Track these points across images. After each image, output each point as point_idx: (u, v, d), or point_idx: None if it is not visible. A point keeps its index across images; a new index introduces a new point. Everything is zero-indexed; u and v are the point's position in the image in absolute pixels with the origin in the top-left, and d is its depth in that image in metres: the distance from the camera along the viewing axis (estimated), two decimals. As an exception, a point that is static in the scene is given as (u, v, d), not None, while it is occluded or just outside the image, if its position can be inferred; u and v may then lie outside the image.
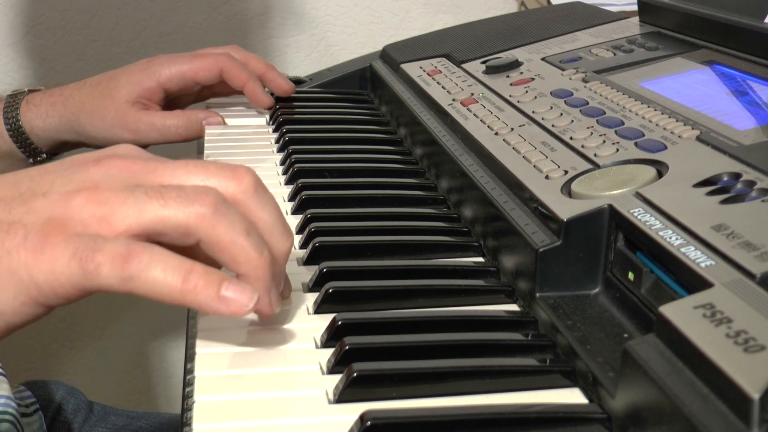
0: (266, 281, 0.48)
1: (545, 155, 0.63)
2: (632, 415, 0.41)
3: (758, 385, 0.35)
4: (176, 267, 0.45)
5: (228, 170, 0.49)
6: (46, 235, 0.45)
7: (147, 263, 0.44)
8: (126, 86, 0.90)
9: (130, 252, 0.44)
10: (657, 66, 0.77)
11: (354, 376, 0.45)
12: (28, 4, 1.43)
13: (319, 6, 1.51)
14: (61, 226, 0.45)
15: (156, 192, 0.46)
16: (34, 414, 0.84)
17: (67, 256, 0.44)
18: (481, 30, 1.03)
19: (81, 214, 0.46)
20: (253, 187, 0.49)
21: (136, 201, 0.46)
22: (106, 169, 0.48)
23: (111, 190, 0.46)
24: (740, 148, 0.56)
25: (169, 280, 0.45)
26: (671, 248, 0.46)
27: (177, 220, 0.46)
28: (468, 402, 0.46)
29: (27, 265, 0.45)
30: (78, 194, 0.46)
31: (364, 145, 0.87)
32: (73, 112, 0.91)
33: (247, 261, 0.47)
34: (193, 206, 0.46)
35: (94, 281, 0.45)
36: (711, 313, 0.40)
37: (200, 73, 0.91)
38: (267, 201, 0.50)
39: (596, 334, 0.49)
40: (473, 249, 0.64)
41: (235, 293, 0.46)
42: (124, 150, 0.50)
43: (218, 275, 0.46)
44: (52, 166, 0.49)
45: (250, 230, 0.48)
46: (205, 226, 0.46)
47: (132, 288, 0.45)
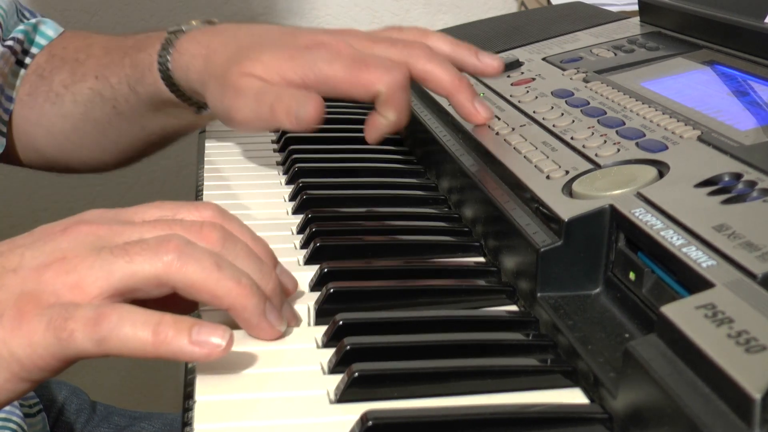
0: (254, 306, 0.48)
1: (546, 155, 0.63)
2: (633, 415, 0.41)
3: (760, 385, 0.35)
4: (145, 321, 0.45)
5: (195, 230, 0.49)
6: (21, 310, 0.45)
7: (116, 322, 0.44)
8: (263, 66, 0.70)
9: (100, 314, 0.45)
10: (658, 66, 0.77)
11: (355, 376, 0.45)
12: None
13: (319, 6, 1.51)
14: (34, 300, 0.45)
15: (120, 249, 0.46)
16: (38, 414, 0.84)
17: (42, 327, 0.45)
18: (481, 30, 1.03)
19: (53, 285, 0.46)
20: (221, 244, 0.49)
21: (102, 263, 0.46)
22: (74, 236, 0.48)
23: (78, 256, 0.46)
24: (741, 149, 0.56)
25: (140, 335, 0.44)
26: (672, 248, 0.46)
27: (144, 272, 0.46)
28: (469, 402, 0.46)
29: (5, 342, 0.45)
30: (48, 268, 0.46)
31: (364, 145, 0.87)
32: (207, 76, 0.74)
33: (227, 293, 0.47)
34: (158, 255, 0.46)
35: (70, 348, 0.45)
36: (712, 313, 0.40)
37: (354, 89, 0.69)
38: (238, 252, 0.49)
39: (597, 335, 0.49)
40: (474, 249, 0.64)
41: (207, 335, 0.45)
42: (90, 216, 0.51)
43: (187, 321, 0.46)
44: (21, 239, 0.49)
45: (221, 262, 0.47)
46: (174, 273, 0.46)
47: (107, 349, 0.45)
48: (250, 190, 0.78)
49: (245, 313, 0.48)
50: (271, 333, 0.50)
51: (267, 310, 0.49)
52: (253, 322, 0.49)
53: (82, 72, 0.86)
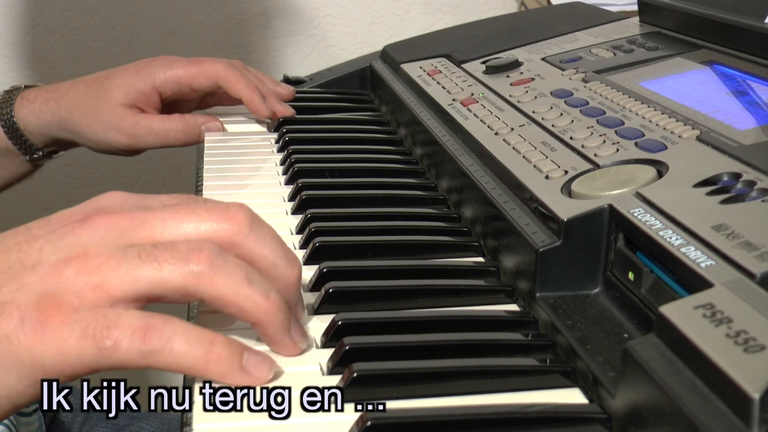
0: (281, 323, 0.47)
1: (545, 155, 0.63)
2: (632, 415, 0.41)
3: (758, 384, 0.35)
4: (199, 338, 0.44)
5: (220, 211, 0.47)
6: (44, 314, 0.43)
7: (169, 336, 0.43)
8: (121, 88, 0.88)
9: (150, 325, 0.43)
10: (657, 66, 0.77)
11: (354, 377, 0.45)
12: (28, 4, 1.43)
13: (319, 6, 1.51)
14: (56, 302, 0.43)
15: (148, 254, 0.44)
16: (33, 414, 0.84)
17: (75, 336, 0.42)
18: (481, 30, 1.03)
19: (74, 284, 0.44)
20: (248, 225, 0.47)
21: (129, 266, 0.44)
22: (94, 229, 0.46)
23: (101, 255, 0.44)
24: (740, 148, 0.56)
25: (193, 352, 0.43)
26: (671, 248, 0.46)
27: (174, 282, 0.44)
28: (468, 402, 0.46)
29: (29, 349, 0.43)
30: (68, 264, 0.44)
31: (364, 145, 0.87)
32: (67, 110, 0.90)
33: (256, 309, 0.46)
34: (188, 265, 0.44)
35: (112, 358, 0.43)
36: (711, 313, 0.40)
37: (196, 79, 0.89)
38: (265, 235, 0.48)
39: (596, 334, 0.49)
40: (473, 249, 0.64)
41: (256, 365, 0.45)
42: (109, 201, 0.48)
43: (239, 345, 0.45)
44: (38, 229, 0.47)
45: (252, 276, 0.46)
46: (204, 285, 0.44)
47: (153, 362, 0.43)
48: (249, 190, 0.78)
49: (271, 329, 0.47)
50: (294, 350, 0.49)
51: (292, 326, 0.48)
52: (277, 338, 0.48)
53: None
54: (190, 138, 0.90)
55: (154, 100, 0.90)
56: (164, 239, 0.46)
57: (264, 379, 0.45)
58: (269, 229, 0.48)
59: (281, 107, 0.93)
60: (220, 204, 0.48)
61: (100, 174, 1.51)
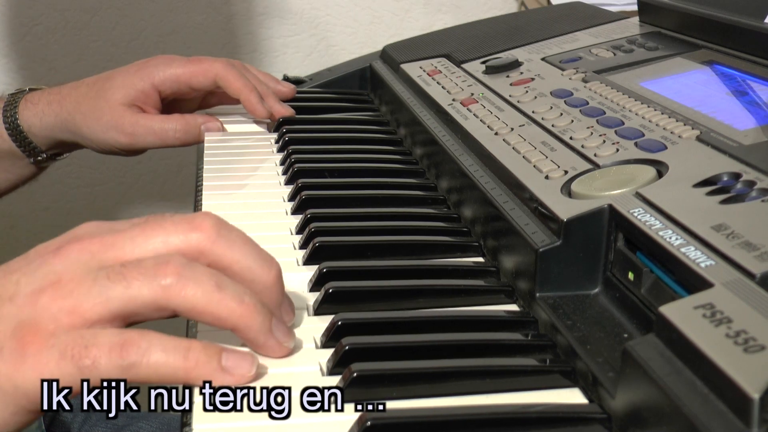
0: (260, 325, 0.47)
1: (545, 155, 0.63)
2: (632, 415, 0.41)
3: (758, 384, 0.35)
4: (175, 346, 0.44)
5: (186, 222, 0.47)
6: (21, 342, 0.43)
7: (146, 348, 0.43)
8: (121, 88, 0.89)
9: (126, 340, 0.43)
10: (657, 66, 0.77)
11: (354, 377, 0.45)
12: (28, 4, 1.43)
13: (319, 6, 1.51)
14: (33, 329, 0.44)
15: (117, 273, 0.45)
16: (34, 414, 0.84)
17: (54, 359, 0.43)
18: (481, 30, 1.03)
19: (50, 311, 0.44)
20: (215, 231, 0.47)
21: (100, 288, 0.44)
22: (66, 256, 0.46)
23: (74, 280, 0.45)
24: (740, 148, 0.56)
25: (171, 361, 0.44)
26: (671, 248, 0.46)
27: (143, 297, 0.44)
28: (468, 402, 0.46)
29: (10, 377, 0.43)
30: (43, 292, 0.45)
31: (364, 145, 0.87)
32: (69, 112, 0.91)
33: (230, 314, 0.46)
34: (156, 279, 0.44)
35: (92, 376, 0.43)
36: (711, 313, 0.40)
37: (195, 77, 0.89)
38: (235, 239, 0.48)
39: (596, 334, 0.49)
40: (473, 249, 0.64)
41: (236, 363, 0.45)
42: (83, 230, 0.48)
43: (216, 347, 0.45)
44: (15, 264, 0.47)
45: (222, 282, 0.46)
46: (174, 297, 0.45)
47: (134, 376, 0.44)
48: (249, 190, 0.78)
49: (250, 333, 0.47)
50: (280, 351, 0.48)
51: (274, 327, 0.48)
52: (259, 341, 0.47)
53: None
54: (190, 138, 0.91)
55: (154, 99, 0.90)
56: (133, 257, 0.46)
57: (247, 376, 0.46)
58: (239, 233, 0.48)
59: (280, 107, 0.93)
60: (187, 216, 0.48)
61: (100, 174, 1.51)
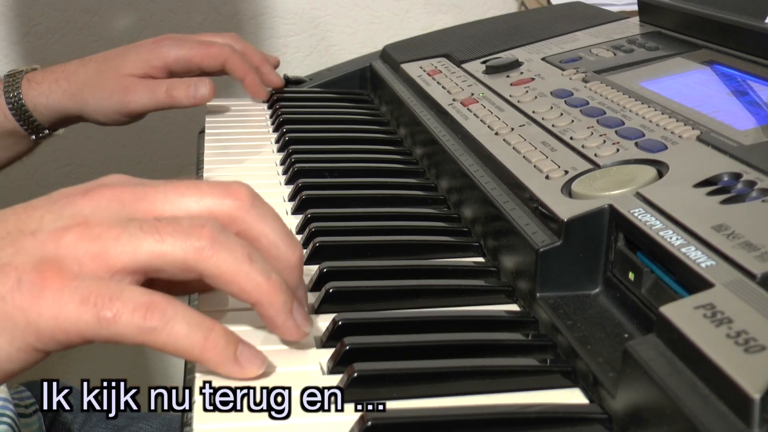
0: (281, 304, 0.46)
1: (545, 155, 0.63)
2: (633, 415, 0.41)
3: (759, 385, 0.35)
4: (199, 323, 0.43)
5: (221, 187, 0.47)
6: (42, 277, 0.42)
7: (171, 316, 0.43)
8: (134, 62, 0.91)
9: (152, 302, 0.43)
10: (657, 66, 0.77)
11: (354, 377, 0.45)
12: (28, 4, 1.43)
13: (319, 6, 1.51)
14: (56, 266, 0.43)
15: (151, 226, 0.44)
16: (33, 415, 0.84)
17: (75, 301, 0.42)
18: (481, 30, 1.03)
19: (74, 251, 0.43)
20: (250, 201, 0.47)
21: (130, 237, 0.43)
22: (96, 201, 0.45)
23: (103, 224, 0.44)
24: (740, 148, 0.56)
25: (192, 336, 0.43)
26: (672, 248, 0.46)
27: (174, 256, 0.44)
28: (468, 402, 0.46)
29: (24, 310, 0.42)
30: (69, 231, 0.44)
31: (364, 145, 0.87)
32: (78, 87, 0.92)
33: (256, 288, 0.45)
34: (190, 240, 0.44)
35: (109, 329, 0.42)
36: (711, 313, 0.40)
37: (206, 60, 0.93)
38: (266, 213, 0.47)
39: (597, 335, 0.49)
40: (473, 249, 0.64)
41: (249, 358, 0.45)
42: (112, 179, 0.48)
43: (236, 336, 0.45)
44: (38, 202, 0.46)
45: (253, 255, 0.45)
46: (204, 260, 0.44)
47: (150, 340, 0.43)
48: (249, 190, 0.78)
49: (271, 310, 0.46)
50: (297, 334, 0.48)
51: (294, 308, 0.47)
52: (279, 320, 0.47)
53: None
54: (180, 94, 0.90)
55: (162, 76, 0.92)
56: (166, 213, 0.46)
57: (254, 374, 0.45)
58: (270, 208, 0.48)
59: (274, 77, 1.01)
60: (222, 181, 0.48)
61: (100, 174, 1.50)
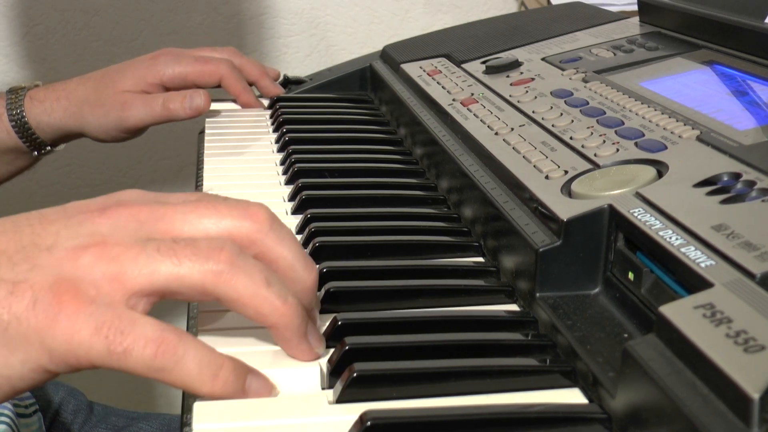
0: (297, 327, 0.46)
1: (545, 155, 0.63)
2: (632, 415, 0.41)
3: (758, 385, 0.35)
4: (210, 362, 0.43)
5: (240, 209, 0.46)
6: (58, 300, 0.42)
7: (182, 355, 0.42)
8: (131, 79, 0.93)
9: (164, 340, 0.42)
10: (657, 66, 0.77)
11: (354, 376, 0.45)
12: (28, 4, 1.43)
13: (319, 6, 1.51)
14: (72, 288, 0.42)
15: (168, 248, 0.43)
16: (33, 415, 0.84)
17: (89, 329, 0.41)
18: (481, 30, 1.03)
19: (91, 273, 0.42)
20: (269, 223, 0.46)
21: (148, 258, 0.43)
22: (114, 219, 0.45)
23: (120, 245, 0.43)
24: (740, 148, 0.56)
25: (202, 375, 0.43)
26: (671, 248, 0.46)
27: (192, 279, 0.43)
28: (468, 402, 0.46)
29: (39, 332, 0.41)
30: (86, 251, 0.43)
31: (364, 145, 0.87)
32: (78, 105, 0.94)
33: (273, 312, 0.45)
34: (208, 263, 0.43)
35: (119, 362, 0.42)
36: (711, 313, 0.40)
37: (201, 78, 0.94)
38: (285, 235, 0.47)
39: (596, 334, 0.49)
40: (473, 249, 0.64)
41: (258, 387, 0.45)
42: (128, 196, 0.47)
43: (245, 368, 0.45)
44: (54, 214, 0.46)
45: (271, 278, 0.45)
46: (223, 284, 0.44)
47: (159, 377, 0.42)
48: (249, 190, 0.78)
49: (287, 333, 0.46)
50: (310, 355, 0.48)
51: (309, 330, 0.48)
52: (293, 342, 0.47)
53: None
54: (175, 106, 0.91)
55: (157, 92, 0.94)
56: (184, 234, 0.45)
57: None
58: (288, 230, 0.48)
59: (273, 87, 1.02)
60: (241, 201, 0.47)
61: (100, 174, 1.51)
